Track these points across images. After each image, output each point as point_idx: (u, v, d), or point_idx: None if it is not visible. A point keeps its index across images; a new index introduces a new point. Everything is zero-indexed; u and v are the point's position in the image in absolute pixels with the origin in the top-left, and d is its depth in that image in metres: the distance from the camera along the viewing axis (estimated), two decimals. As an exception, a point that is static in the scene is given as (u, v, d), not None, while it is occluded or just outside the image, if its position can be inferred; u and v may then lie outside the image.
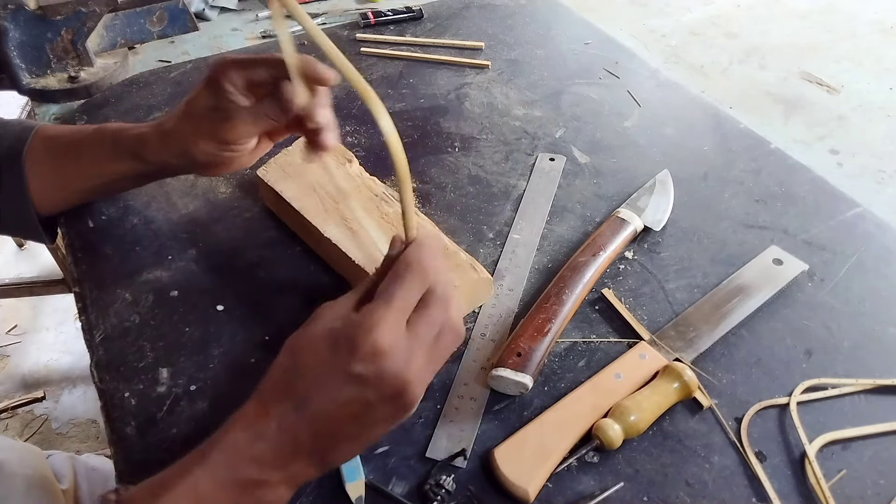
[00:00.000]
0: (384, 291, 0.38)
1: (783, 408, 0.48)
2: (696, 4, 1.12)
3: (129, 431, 0.47)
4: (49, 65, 0.81)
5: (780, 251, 0.59)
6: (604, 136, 0.74)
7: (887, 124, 0.84)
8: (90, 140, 0.58)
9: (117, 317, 0.54)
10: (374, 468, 0.45)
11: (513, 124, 0.76)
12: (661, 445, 0.46)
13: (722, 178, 0.68)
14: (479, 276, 0.53)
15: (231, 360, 0.51)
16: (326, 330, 0.37)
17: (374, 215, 0.57)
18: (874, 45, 1.00)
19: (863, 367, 0.51)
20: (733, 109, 0.85)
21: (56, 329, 1.64)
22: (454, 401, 0.48)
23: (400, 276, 0.38)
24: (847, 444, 0.46)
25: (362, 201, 0.59)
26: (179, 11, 0.91)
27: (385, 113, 0.38)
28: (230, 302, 0.55)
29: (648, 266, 0.59)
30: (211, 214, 0.64)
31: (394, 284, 0.38)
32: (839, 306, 0.55)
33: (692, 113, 0.78)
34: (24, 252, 1.80)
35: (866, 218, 0.64)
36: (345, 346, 0.36)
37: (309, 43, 0.90)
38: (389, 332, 0.36)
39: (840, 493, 0.43)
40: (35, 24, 0.77)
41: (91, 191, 0.61)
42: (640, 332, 0.53)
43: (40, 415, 1.45)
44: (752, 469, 0.45)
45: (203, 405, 0.48)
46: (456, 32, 0.94)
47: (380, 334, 0.35)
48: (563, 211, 0.65)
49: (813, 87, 0.90)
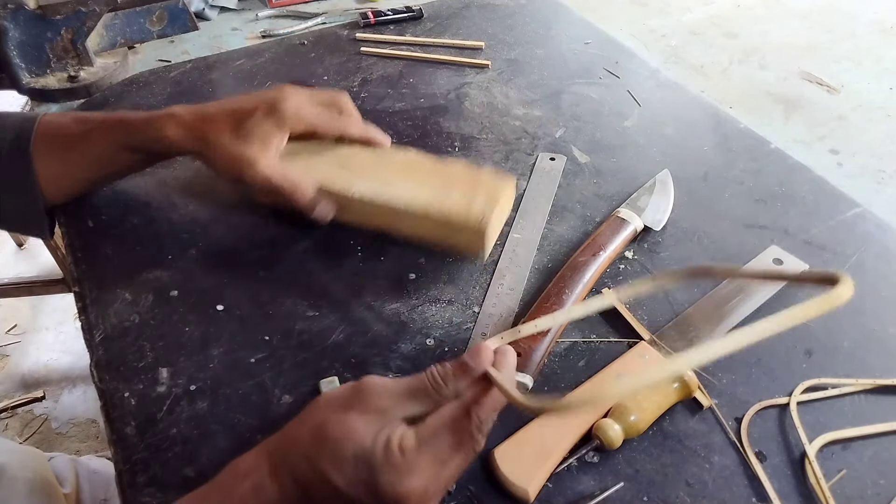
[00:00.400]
0: (434, 440, 0.36)
1: (783, 408, 0.48)
2: (696, 4, 1.12)
3: (129, 431, 0.47)
4: (49, 64, 0.81)
5: (780, 251, 0.59)
6: (604, 136, 0.74)
7: (887, 124, 0.84)
8: (98, 129, 0.58)
9: (117, 317, 0.54)
10: (375, 468, 0.44)
11: (513, 124, 0.76)
12: (661, 445, 0.46)
13: (722, 178, 0.68)
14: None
15: (231, 360, 0.51)
16: (365, 450, 0.36)
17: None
18: (874, 45, 1.00)
19: (863, 367, 0.51)
20: (733, 109, 0.85)
21: (56, 329, 1.64)
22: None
23: (457, 439, 0.36)
24: (847, 444, 0.46)
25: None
26: (179, 11, 0.90)
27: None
28: (230, 302, 0.55)
29: (648, 266, 0.59)
30: (211, 214, 0.64)
31: (445, 440, 0.36)
32: (839, 306, 0.55)
33: (692, 113, 0.78)
34: (24, 252, 1.80)
35: (866, 218, 0.64)
36: (377, 481, 0.35)
37: (309, 42, 0.90)
38: (423, 482, 0.35)
39: (840, 493, 0.43)
40: (35, 23, 0.77)
41: (99, 180, 0.62)
42: (640, 332, 0.53)
43: (40, 414, 1.45)
44: (752, 469, 0.45)
45: (203, 405, 0.48)
46: (456, 32, 0.93)
47: (413, 485, 0.35)
48: (563, 210, 0.65)
49: (813, 87, 0.90)
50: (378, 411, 0.37)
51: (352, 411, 0.37)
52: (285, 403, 0.48)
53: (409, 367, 0.51)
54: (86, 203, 0.64)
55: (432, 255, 0.59)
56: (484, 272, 0.58)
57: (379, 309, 0.55)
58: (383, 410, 0.37)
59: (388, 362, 0.51)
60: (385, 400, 0.38)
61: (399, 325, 0.54)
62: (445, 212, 0.55)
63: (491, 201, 0.55)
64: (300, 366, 0.51)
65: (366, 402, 0.37)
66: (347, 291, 0.56)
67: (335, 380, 0.49)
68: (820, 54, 0.97)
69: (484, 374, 0.39)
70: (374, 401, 0.38)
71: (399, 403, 0.38)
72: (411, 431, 0.37)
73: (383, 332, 0.53)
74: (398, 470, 0.35)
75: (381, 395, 0.38)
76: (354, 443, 0.36)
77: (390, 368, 0.50)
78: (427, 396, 0.38)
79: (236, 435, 0.46)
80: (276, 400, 0.48)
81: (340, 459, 0.36)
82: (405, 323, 0.54)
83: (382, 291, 0.56)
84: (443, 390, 0.38)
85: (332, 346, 0.52)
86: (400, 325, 0.54)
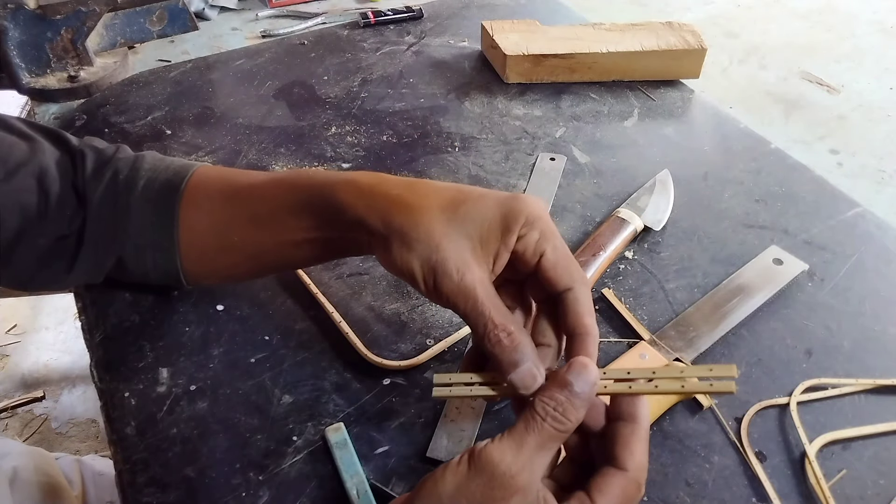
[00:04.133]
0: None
1: (783, 408, 0.48)
2: (696, 4, 1.12)
3: (129, 431, 0.47)
4: (49, 64, 0.81)
5: (780, 251, 0.59)
6: (604, 136, 0.74)
7: (887, 124, 0.84)
8: (264, 185, 0.46)
9: (117, 317, 0.54)
10: (375, 468, 0.45)
11: (513, 124, 0.76)
12: (661, 445, 0.46)
13: (722, 178, 0.68)
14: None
15: (231, 360, 0.51)
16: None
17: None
18: (874, 45, 1.00)
19: (863, 367, 0.51)
20: (733, 109, 0.85)
21: (56, 329, 1.64)
22: (454, 401, 0.48)
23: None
24: (847, 444, 0.46)
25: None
26: (179, 11, 0.91)
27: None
28: (230, 302, 0.55)
29: (648, 266, 0.59)
30: (211, 214, 0.63)
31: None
32: (839, 306, 0.55)
33: (692, 113, 0.78)
34: (24, 251, 1.79)
35: (866, 218, 0.64)
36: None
37: (309, 42, 0.90)
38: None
39: (840, 493, 0.43)
40: (35, 23, 0.77)
41: (255, 257, 0.48)
42: (640, 332, 0.53)
43: (40, 414, 1.45)
44: (752, 469, 0.45)
45: (203, 405, 0.48)
46: (456, 32, 0.93)
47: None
48: (563, 211, 0.65)
49: (813, 87, 0.90)
50: (518, 491, 0.31)
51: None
52: (285, 403, 0.48)
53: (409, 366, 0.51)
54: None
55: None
56: (484, 272, 0.58)
57: (379, 309, 0.55)
58: (523, 489, 0.31)
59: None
60: (519, 472, 0.31)
61: (399, 325, 0.54)
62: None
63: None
64: (300, 366, 0.51)
65: (500, 485, 0.30)
66: (347, 291, 0.56)
67: (341, 426, 0.46)
68: (820, 54, 0.97)
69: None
70: (508, 479, 0.30)
71: (533, 468, 0.31)
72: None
73: (383, 332, 0.53)
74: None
75: (511, 469, 0.31)
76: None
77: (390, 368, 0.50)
78: (553, 441, 0.32)
79: (236, 435, 0.46)
80: (276, 400, 0.48)
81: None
82: (405, 323, 0.54)
83: (382, 291, 0.56)
84: (567, 427, 0.32)
85: (332, 346, 0.52)
86: (400, 325, 0.54)
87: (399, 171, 0.69)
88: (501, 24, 0.85)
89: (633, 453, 0.33)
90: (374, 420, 0.47)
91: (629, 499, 0.32)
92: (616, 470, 0.33)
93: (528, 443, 0.31)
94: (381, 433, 0.46)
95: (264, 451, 0.45)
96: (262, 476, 0.44)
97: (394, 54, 0.89)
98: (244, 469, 0.44)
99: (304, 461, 0.45)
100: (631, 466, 0.32)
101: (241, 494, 0.43)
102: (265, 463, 0.45)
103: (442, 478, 0.31)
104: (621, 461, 0.33)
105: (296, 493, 0.43)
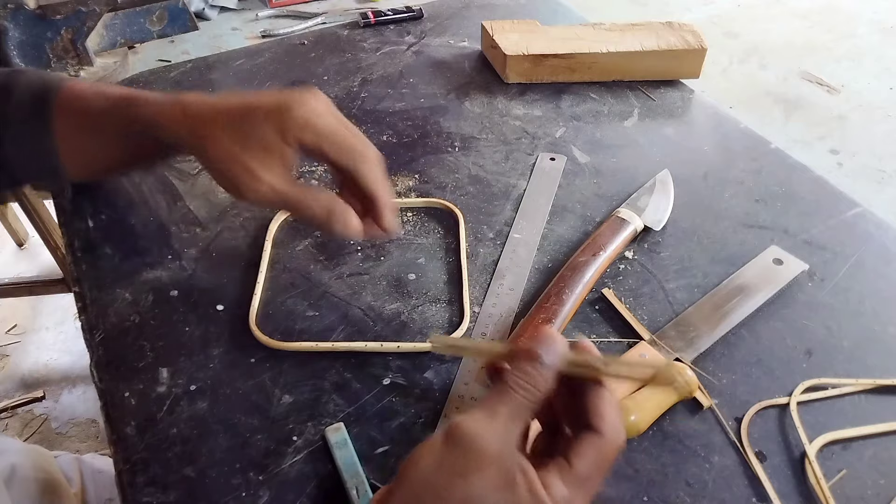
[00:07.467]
0: (588, 483, 0.33)
1: (783, 408, 0.48)
2: (696, 4, 1.12)
3: (129, 431, 0.47)
4: (49, 64, 0.81)
5: (780, 251, 0.59)
6: (604, 136, 0.74)
7: (887, 124, 0.84)
8: (114, 107, 0.53)
9: (117, 317, 0.54)
10: (375, 468, 0.45)
11: (513, 124, 0.76)
12: (661, 445, 0.46)
13: (722, 178, 0.68)
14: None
15: (231, 360, 0.51)
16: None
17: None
18: (874, 45, 1.00)
19: (863, 367, 0.51)
20: (733, 109, 0.85)
21: (56, 329, 1.64)
22: (454, 401, 0.48)
23: (606, 473, 0.34)
24: (847, 444, 0.46)
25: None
26: (179, 11, 0.91)
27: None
28: (230, 302, 0.55)
29: (648, 266, 0.59)
30: (211, 214, 0.63)
31: (598, 479, 0.34)
32: (839, 306, 0.55)
33: (692, 113, 0.78)
34: (24, 252, 1.80)
35: (866, 218, 0.64)
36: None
37: (309, 42, 0.90)
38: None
39: (840, 493, 0.43)
40: (35, 23, 0.77)
41: (116, 165, 0.59)
42: (640, 332, 0.53)
43: (40, 414, 1.45)
44: (752, 469, 0.45)
45: (203, 405, 0.48)
46: (456, 32, 0.93)
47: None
48: (563, 210, 0.65)
49: (813, 87, 0.90)
50: (494, 460, 0.31)
51: (469, 475, 0.31)
52: (285, 403, 0.48)
53: (409, 366, 0.51)
54: (86, 203, 0.64)
55: (432, 256, 0.59)
56: (484, 272, 0.58)
57: (379, 309, 0.55)
58: (499, 456, 0.32)
59: (388, 363, 0.51)
60: (493, 442, 0.32)
61: (399, 325, 0.54)
62: None
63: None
64: (300, 366, 0.51)
65: (476, 455, 0.31)
66: (347, 291, 0.56)
67: (341, 426, 0.46)
68: (820, 54, 0.97)
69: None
70: (483, 448, 0.31)
71: (507, 436, 0.33)
72: (556, 478, 0.33)
73: (383, 332, 0.53)
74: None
75: (484, 438, 0.32)
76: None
77: (390, 368, 0.50)
78: (525, 410, 0.34)
79: (236, 435, 0.46)
80: (276, 400, 0.48)
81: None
82: (405, 323, 0.54)
83: (382, 291, 0.56)
84: (537, 396, 0.34)
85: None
86: (400, 325, 0.54)
87: (399, 170, 0.69)
88: (501, 24, 0.85)
89: (602, 416, 0.35)
90: (374, 420, 0.47)
91: (605, 459, 0.34)
92: (591, 433, 0.34)
93: (500, 413, 0.33)
94: (381, 433, 0.46)
95: (264, 451, 0.45)
96: (261, 476, 0.44)
97: (394, 54, 0.89)
98: (244, 469, 0.44)
99: (304, 461, 0.45)
100: (604, 429, 0.34)
101: (241, 494, 0.43)
102: (265, 463, 0.45)
103: (421, 457, 0.32)
104: (595, 426, 0.34)
105: (296, 493, 0.43)
